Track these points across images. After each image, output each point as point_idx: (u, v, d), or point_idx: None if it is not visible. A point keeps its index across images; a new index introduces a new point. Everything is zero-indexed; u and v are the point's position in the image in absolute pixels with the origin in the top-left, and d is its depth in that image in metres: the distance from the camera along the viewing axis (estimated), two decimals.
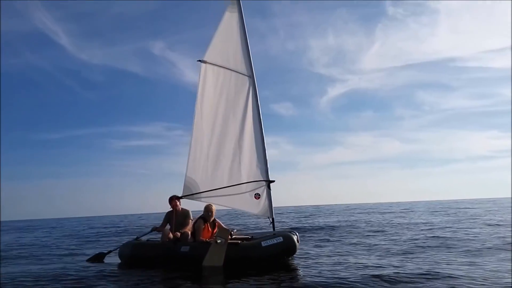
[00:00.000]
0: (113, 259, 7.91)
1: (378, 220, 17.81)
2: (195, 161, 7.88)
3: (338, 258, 7.40)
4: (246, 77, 8.10)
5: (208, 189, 7.70)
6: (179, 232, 7.39)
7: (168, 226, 7.68)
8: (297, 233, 7.12)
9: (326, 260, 7.21)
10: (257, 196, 7.62)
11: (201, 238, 7.05)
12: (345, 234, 12.28)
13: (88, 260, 8.19)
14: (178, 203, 7.70)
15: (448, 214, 21.37)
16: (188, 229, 7.45)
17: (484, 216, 17.62)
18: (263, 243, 6.63)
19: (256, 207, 7.59)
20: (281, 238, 6.71)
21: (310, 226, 15.71)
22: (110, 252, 8.27)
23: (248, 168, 7.72)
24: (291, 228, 11.67)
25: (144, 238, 7.91)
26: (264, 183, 7.64)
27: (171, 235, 7.35)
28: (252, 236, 7.43)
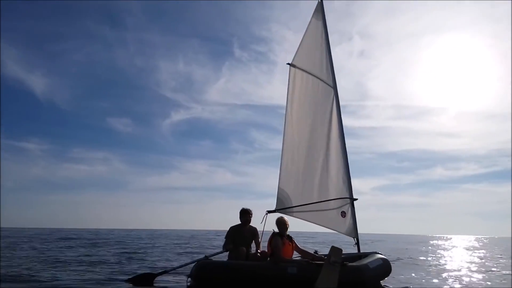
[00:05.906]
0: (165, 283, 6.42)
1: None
2: (287, 172, 7.16)
3: None
4: (331, 88, 7.78)
5: (300, 204, 7.01)
6: (258, 251, 6.54)
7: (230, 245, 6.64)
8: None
9: None
10: (343, 214, 7.27)
11: (283, 257, 6.29)
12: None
13: (129, 281, 6.46)
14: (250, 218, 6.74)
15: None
16: (259, 248, 6.66)
17: None
18: (370, 265, 6.33)
19: (343, 226, 7.23)
20: (380, 259, 6.54)
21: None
22: (162, 273, 6.64)
23: (336, 184, 7.33)
24: None
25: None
26: (348, 200, 7.36)
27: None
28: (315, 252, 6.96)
